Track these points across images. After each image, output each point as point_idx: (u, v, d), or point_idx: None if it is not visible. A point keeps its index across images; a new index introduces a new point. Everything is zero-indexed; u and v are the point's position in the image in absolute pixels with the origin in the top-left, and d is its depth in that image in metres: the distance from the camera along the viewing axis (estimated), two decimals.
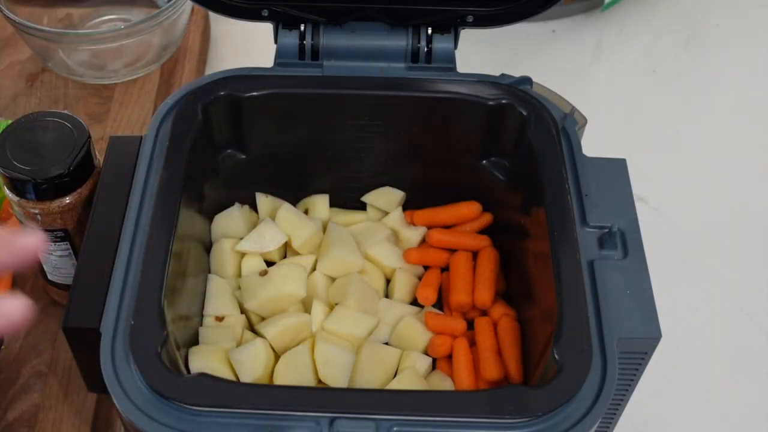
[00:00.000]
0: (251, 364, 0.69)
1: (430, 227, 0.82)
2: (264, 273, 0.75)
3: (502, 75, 0.77)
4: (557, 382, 0.58)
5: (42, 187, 0.71)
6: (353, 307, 0.74)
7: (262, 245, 0.78)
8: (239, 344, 0.73)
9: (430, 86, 0.76)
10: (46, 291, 0.85)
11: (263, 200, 0.82)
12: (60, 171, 0.71)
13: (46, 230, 0.75)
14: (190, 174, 0.69)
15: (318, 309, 0.75)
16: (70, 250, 0.77)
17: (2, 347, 0.80)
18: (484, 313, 0.77)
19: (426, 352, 0.75)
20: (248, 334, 0.74)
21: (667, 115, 1.11)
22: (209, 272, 0.78)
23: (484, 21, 0.77)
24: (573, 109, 0.75)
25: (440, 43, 0.77)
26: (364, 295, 0.76)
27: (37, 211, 0.73)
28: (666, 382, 0.86)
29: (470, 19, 0.77)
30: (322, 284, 0.77)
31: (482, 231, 0.82)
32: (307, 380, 0.70)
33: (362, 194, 0.83)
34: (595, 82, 1.14)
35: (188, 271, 0.70)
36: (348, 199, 0.84)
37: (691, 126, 1.10)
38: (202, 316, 0.75)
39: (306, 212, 0.83)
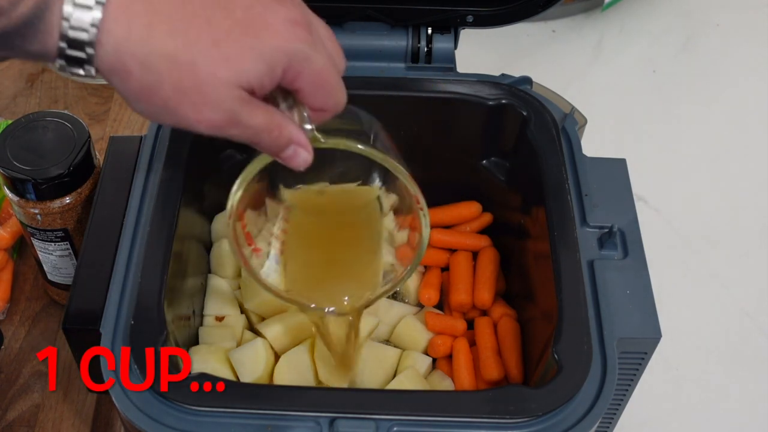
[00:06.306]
0: (251, 364, 0.69)
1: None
2: None
3: (502, 75, 0.77)
4: (557, 382, 0.58)
5: (42, 187, 0.71)
6: None
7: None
8: (239, 344, 0.73)
9: (430, 86, 0.76)
10: (46, 291, 0.85)
11: None
12: (60, 171, 0.71)
13: (46, 230, 0.75)
14: (190, 174, 0.69)
15: None
16: (70, 250, 0.77)
17: (2, 347, 0.80)
18: (484, 313, 0.77)
19: (426, 352, 0.75)
20: (248, 334, 0.74)
21: (666, 115, 1.11)
22: (209, 272, 0.78)
23: (484, 21, 0.77)
24: (573, 109, 0.75)
25: (440, 43, 0.77)
26: None
27: (37, 211, 0.73)
28: (666, 382, 0.86)
29: (470, 19, 0.77)
30: None
31: (482, 231, 0.82)
32: (307, 380, 0.70)
33: None
34: (595, 82, 1.14)
35: (188, 271, 0.70)
36: None
37: (691, 126, 1.10)
38: (202, 316, 0.75)
39: None
